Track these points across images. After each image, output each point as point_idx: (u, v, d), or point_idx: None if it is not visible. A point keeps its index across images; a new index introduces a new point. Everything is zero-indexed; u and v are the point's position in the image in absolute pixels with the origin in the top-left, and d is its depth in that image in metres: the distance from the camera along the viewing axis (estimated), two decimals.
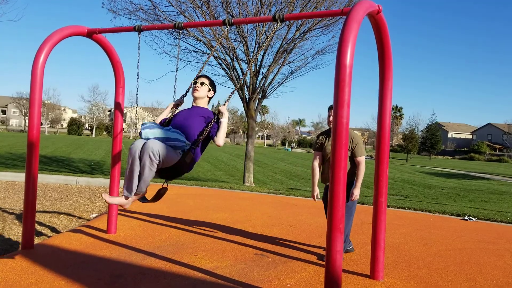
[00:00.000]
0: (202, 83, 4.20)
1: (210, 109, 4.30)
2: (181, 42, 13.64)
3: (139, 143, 3.79)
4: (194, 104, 4.29)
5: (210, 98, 4.34)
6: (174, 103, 4.39)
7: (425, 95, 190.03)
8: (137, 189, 3.86)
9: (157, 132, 3.86)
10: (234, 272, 4.40)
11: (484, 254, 5.57)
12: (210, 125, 3.99)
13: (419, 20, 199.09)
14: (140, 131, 3.85)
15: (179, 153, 3.87)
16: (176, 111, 4.40)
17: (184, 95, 4.44)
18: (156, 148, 3.68)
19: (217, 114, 4.08)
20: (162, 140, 3.81)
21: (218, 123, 4.06)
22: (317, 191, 5.31)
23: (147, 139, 3.84)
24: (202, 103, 4.27)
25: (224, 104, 4.12)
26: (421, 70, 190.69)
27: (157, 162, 3.73)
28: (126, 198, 3.92)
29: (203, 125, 4.05)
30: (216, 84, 4.38)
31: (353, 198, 4.89)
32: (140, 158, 3.75)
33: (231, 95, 4.29)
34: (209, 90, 4.27)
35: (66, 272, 4.19)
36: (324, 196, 5.31)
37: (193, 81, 4.27)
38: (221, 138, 3.98)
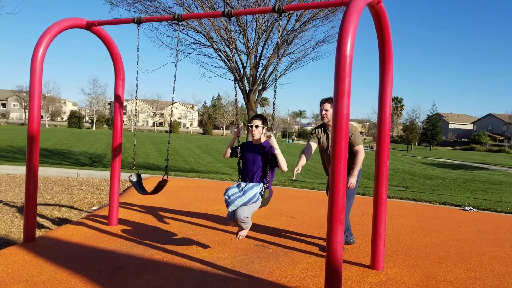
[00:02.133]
0: (256, 126, 4.52)
1: (265, 140, 4.63)
2: (180, 34, 13.59)
3: (231, 216, 4.36)
4: (253, 141, 4.64)
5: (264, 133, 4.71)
6: (233, 138, 4.75)
7: (425, 86, 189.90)
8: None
9: (239, 201, 4.28)
10: (235, 263, 4.42)
11: (484, 244, 5.59)
12: (270, 163, 4.42)
13: (420, 10, 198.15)
14: (227, 205, 4.30)
15: (259, 198, 4.33)
16: (239, 140, 4.77)
17: (238, 125, 4.75)
18: (244, 214, 4.23)
19: (270, 148, 4.43)
20: (246, 203, 4.27)
21: (273, 153, 4.41)
22: (299, 169, 5.14)
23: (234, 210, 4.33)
24: (259, 139, 4.59)
25: (272, 136, 4.40)
26: (422, 61, 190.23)
27: (249, 219, 4.32)
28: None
29: (265, 160, 4.46)
30: (266, 120, 4.63)
31: (348, 186, 4.86)
32: (236, 221, 4.30)
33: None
34: (263, 127, 4.58)
35: (67, 264, 4.21)
36: (327, 187, 5.29)
37: (248, 124, 4.61)
38: (283, 166, 4.38)
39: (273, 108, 4.34)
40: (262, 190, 4.34)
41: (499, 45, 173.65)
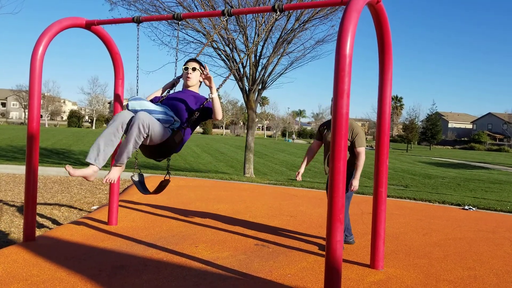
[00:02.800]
0: (194, 69, 4.19)
1: (199, 93, 4.27)
2: (180, 33, 13.58)
3: (126, 114, 3.68)
4: (185, 88, 4.27)
5: (201, 83, 4.33)
6: (169, 83, 4.35)
7: (425, 85, 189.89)
8: (118, 159, 3.73)
9: (145, 104, 3.75)
10: (235, 263, 4.43)
11: (484, 243, 5.59)
12: (204, 103, 3.96)
13: (419, 10, 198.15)
14: (127, 103, 3.75)
15: (168, 131, 3.81)
16: (167, 93, 4.37)
17: (180, 76, 4.42)
18: (147, 120, 3.57)
19: (204, 101, 4.03)
20: (150, 112, 3.72)
21: (209, 99, 3.98)
22: (301, 172, 5.35)
23: (135, 111, 3.75)
24: (194, 88, 4.27)
25: (218, 88, 4.07)
26: (421, 60, 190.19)
27: (145, 135, 3.61)
28: (91, 167, 3.64)
29: (195, 105, 4.01)
30: (204, 64, 4.32)
31: (352, 189, 4.90)
32: (127, 130, 3.63)
33: (226, 78, 4.32)
34: (200, 74, 4.25)
35: (67, 263, 4.21)
36: (327, 186, 5.32)
37: (183, 67, 4.25)
38: (217, 112, 3.89)
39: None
40: (175, 123, 3.81)
41: (498, 44, 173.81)
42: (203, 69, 4.14)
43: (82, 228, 5.56)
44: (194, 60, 4.28)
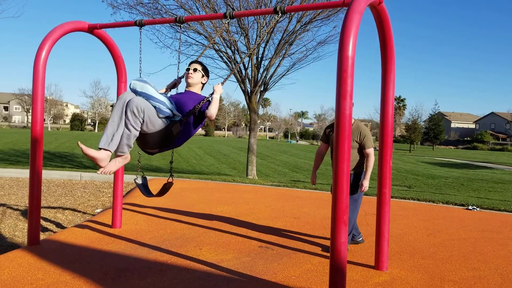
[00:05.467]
0: (195, 70, 4.19)
1: (201, 95, 4.25)
2: (182, 36, 13.61)
3: (127, 95, 3.65)
4: (187, 89, 4.27)
5: (203, 84, 4.32)
6: (171, 83, 4.36)
7: (427, 85, 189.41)
8: (118, 147, 3.66)
9: (147, 88, 3.69)
10: (239, 265, 4.43)
11: (488, 244, 5.58)
12: (202, 102, 3.95)
13: (421, 10, 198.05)
14: (130, 81, 3.72)
15: (165, 121, 3.76)
16: (169, 93, 4.37)
17: (182, 77, 4.43)
18: (143, 104, 3.55)
19: (211, 94, 4.03)
20: (148, 97, 3.68)
21: (210, 99, 3.99)
22: (315, 177, 5.53)
23: (135, 91, 3.71)
24: (196, 89, 4.26)
25: (219, 83, 4.08)
26: (424, 60, 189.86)
27: (141, 120, 3.58)
28: (104, 152, 3.62)
29: (194, 104, 4.00)
30: (209, 69, 4.38)
31: (362, 189, 4.93)
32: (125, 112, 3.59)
33: (228, 76, 4.31)
34: (202, 76, 4.26)
35: (72, 267, 4.22)
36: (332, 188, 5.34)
37: (186, 68, 4.27)
38: (212, 110, 3.86)
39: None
40: (174, 117, 3.78)
41: (501, 44, 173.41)
42: (204, 76, 4.19)
43: (86, 231, 5.57)
44: (197, 62, 4.30)
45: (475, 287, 4.00)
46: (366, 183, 4.95)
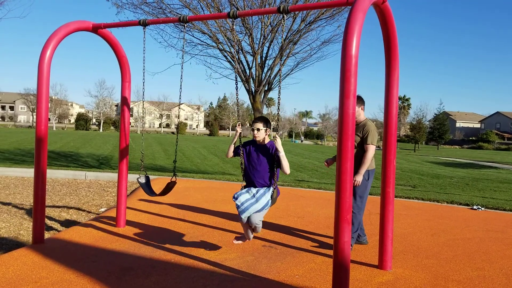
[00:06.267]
0: (258, 130, 4.52)
1: (269, 140, 4.64)
2: (186, 35, 13.62)
3: (245, 220, 4.39)
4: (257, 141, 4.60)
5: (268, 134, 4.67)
6: (236, 135, 4.63)
7: (432, 85, 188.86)
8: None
9: (253, 209, 4.30)
10: (243, 264, 4.43)
11: (492, 243, 5.55)
12: (275, 165, 4.42)
13: (425, 9, 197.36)
14: (240, 213, 4.31)
15: (269, 203, 4.36)
16: (242, 140, 4.74)
17: (240, 125, 4.66)
18: (259, 219, 4.33)
19: (274, 149, 4.42)
20: (260, 210, 4.31)
21: (277, 155, 4.38)
22: (331, 163, 5.40)
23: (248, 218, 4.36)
24: (264, 140, 4.58)
25: (277, 137, 4.39)
26: (429, 60, 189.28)
27: (261, 221, 4.42)
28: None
29: (270, 160, 4.45)
30: (268, 119, 4.71)
31: (355, 184, 4.88)
32: (250, 224, 4.41)
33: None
34: (266, 130, 4.58)
35: (76, 265, 4.24)
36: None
37: (251, 128, 4.62)
38: (286, 168, 4.37)
39: (278, 109, 4.29)
40: (272, 192, 4.37)
41: (507, 43, 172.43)
42: (267, 129, 4.62)
43: (90, 230, 5.59)
44: (259, 120, 4.59)
45: (479, 287, 3.99)
46: (358, 178, 4.90)
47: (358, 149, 4.98)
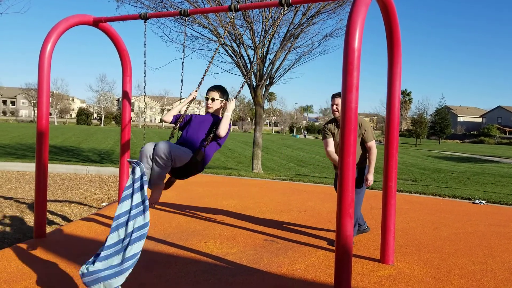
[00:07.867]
0: (213, 99, 4.18)
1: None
2: (187, 29, 13.58)
3: (149, 146, 3.77)
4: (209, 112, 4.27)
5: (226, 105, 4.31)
6: (187, 99, 4.32)
7: (433, 79, 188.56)
8: (155, 183, 3.85)
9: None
10: (244, 258, 4.43)
11: (494, 237, 5.55)
12: (215, 127, 3.99)
13: (427, 4, 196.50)
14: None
15: (189, 153, 3.87)
16: (189, 111, 4.35)
17: (197, 90, 4.37)
18: (167, 148, 3.69)
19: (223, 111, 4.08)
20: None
21: (222, 114, 4.06)
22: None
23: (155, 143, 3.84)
24: (217, 112, 4.26)
25: (232, 99, 4.10)
26: (430, 54, 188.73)
27: (170, 161, 3.74)
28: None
29: (213, 126, 4.05)
30: (227, 90, 4.31)
31: (367, 184, 4.91)
32: (152, 159, 3.75)
33: (241, 88, 4.33)
34: (221, 101, 4.24)
35: (78, 260, 4.24)
36: (335, 182, 5.32)
37: (204, 96, 4.25)
38: (221, 129, 3.92)
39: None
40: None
41: (508, 38, 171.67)
42: (223, 101, 4.19)
43: (92, 225, 5.60)
44: (215, 88, 4.21)
45: (481, 281, 3.98)
46: (370, 177, 4.93)
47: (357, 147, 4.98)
